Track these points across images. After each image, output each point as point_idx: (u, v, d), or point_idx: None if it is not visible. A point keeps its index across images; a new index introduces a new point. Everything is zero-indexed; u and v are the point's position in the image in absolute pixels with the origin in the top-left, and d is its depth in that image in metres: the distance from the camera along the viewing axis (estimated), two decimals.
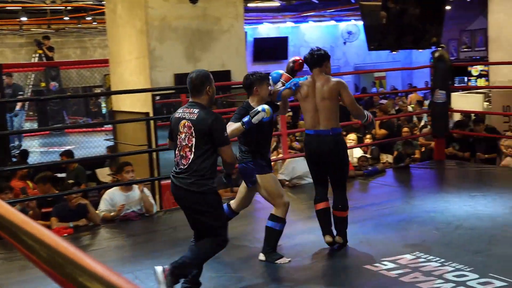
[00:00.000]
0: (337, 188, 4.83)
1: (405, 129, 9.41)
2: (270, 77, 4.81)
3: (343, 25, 22.07)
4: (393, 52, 17.91)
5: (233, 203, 4.90)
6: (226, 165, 4.00)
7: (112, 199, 6.14)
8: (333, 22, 21.82)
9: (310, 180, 7.25)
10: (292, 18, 20.43)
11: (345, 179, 4.87)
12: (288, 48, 21.09)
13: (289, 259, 4.62)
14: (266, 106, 4.39)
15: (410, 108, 14.03)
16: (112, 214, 6.05)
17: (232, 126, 4.36)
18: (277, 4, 16.75)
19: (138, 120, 7.79)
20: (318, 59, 4.79)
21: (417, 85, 19.98)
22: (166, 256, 4.87)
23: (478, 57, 18.63)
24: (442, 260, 4.42)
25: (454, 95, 12.21)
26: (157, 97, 8.08)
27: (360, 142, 9.22)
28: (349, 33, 21.96)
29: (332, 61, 4.92)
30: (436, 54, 8.19)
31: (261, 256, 4.67)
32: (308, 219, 5.57)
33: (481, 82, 16.78)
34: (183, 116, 3.94)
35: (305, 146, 4.98)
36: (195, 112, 3.89)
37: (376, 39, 10.73)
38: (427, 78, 16.99)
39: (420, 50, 14.81)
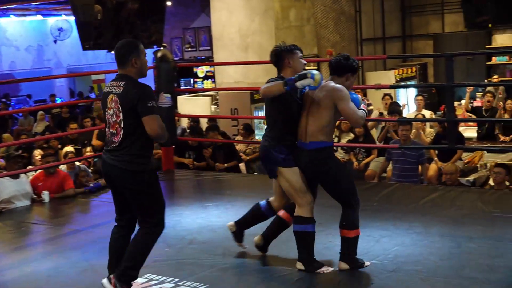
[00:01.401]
0: (342, 206, 4.62)
1: None
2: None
3: (53, 21, 21.62)
4: (111, 52, 18.14)
5: (273, 201, 4.83)
6: (154, 139, 4.02)
7: None
8: (40, 17, 21.27)
9: (20, 204, 6.96)
10: None
11: (344, 196, 4.58)
12: None
13: (332, 268, 4.56)
14: (316, 72, 4.31)
15: None
16: None
17: (270, 83, 4.42)
18: None
19: None
20: (338, 68, 4.59)
21: None
22: None
23: (203, 57, 19.66)
24: (176, 279, 4.56)
25: (180, 99, 12.74)
26: None
27: (79, 155, 9.08)
28: (60, 30, 21.58)
29: (42, 62, 4.77)
30: (159, 54, 8.43)
31: (299, 265, 4.55)
32: (18, 250, 5.31)
33: (208, 84, 17.67)
34: (110, 90, 4.06)
35: None
36: (121, 85, 4.03)
37: (91, 37, 10.71)
38: (151, 80, 17.43)
39: None
